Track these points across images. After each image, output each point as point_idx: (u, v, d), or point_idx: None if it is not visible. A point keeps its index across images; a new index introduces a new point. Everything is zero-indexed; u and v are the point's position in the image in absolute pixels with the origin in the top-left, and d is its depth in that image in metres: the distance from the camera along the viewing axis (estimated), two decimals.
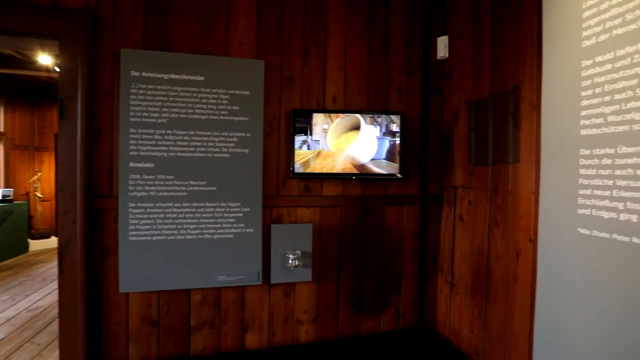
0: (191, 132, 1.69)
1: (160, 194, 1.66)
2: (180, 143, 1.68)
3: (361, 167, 1.87)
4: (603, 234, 1.13)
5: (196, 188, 1.70)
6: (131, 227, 1.62)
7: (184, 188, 1.69)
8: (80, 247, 1.56)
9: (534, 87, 1.44)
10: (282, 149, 1.86)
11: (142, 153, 1.63)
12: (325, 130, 1.83)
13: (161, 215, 1.66)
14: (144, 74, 1.63)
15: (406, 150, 2.02)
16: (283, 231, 1.84)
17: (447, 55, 2.01)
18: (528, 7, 1.48)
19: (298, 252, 1.83)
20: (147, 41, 1.67)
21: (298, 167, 1.81)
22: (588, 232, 1.18)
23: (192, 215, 1.70)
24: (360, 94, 1.97)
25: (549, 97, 1.34)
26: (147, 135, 1.63)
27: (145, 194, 1.64)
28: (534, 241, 1.43)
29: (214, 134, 1.72)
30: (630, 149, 1.05)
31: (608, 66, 1.11)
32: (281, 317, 1.88)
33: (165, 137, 1.66)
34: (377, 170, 1.88)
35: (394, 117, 1.88)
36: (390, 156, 1.89)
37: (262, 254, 1.80)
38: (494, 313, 1.66)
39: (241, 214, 1.77)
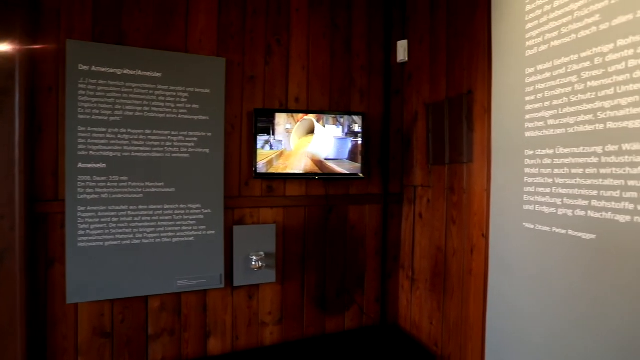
0: (147, 131, 1.61)
1: (114, 196, 1.56)
2: (135, 142, 1.59)
3: (324, 167, 1.89)
4: (545, 228, 1.23)
5: (153, 190, 1.62)
6: (80, 232, 1.51)
7: (140, 190, 1.60)
8: (19, 255, 1.43)
9: (485, 92, 1.53)
10: (244, 149, 1.83)
11: (92, 153, 1.53)
12: (288, 130, 1.82)
13: (114, 219, 1.56)
14: (94, 68, 1.52)
15: (368, 150, 2.06)
16: (246, 232, 1.81)
17: (406, 58, 2.08)
18: (479, 17, 1.57)
19: (261, 253, 1.81)
20: (98, 33, 1.56)
21: (261, 167, 1.79)
22: (532, 226, 1.27)
23: (149, 218, 1.62)
24: (323, 94, 1.98)
25: (498, 101, 1.43)
26: (98, 134, 1.53)
27: (96, 196, 1.53)
28: (486, 236, 1.52)
29: (173, 133, 1.65)
30: (566, 150, 1.15)
31: (547, 74, 1.21)
32: (245, 320, 1.84)
33: (119, 136, 1.56)
34: (339, 170, 1.91)
35: (356, 118, 1.92)
36: (352, 156, 1.92)
37: (224, 257, 1.76)
38: (451, 305, 1.75)
39: (202, 216, 1.71)
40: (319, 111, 1.88)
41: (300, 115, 1.84)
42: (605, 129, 1.04)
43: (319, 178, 1.91)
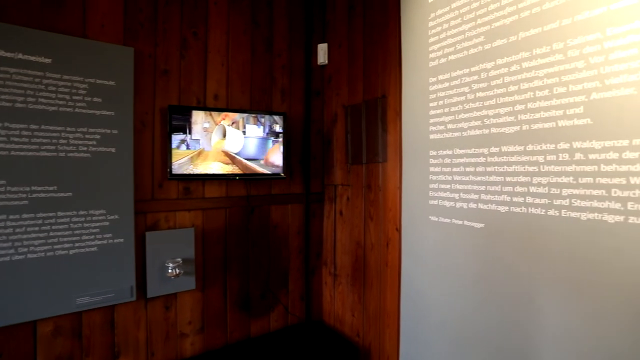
0: (34, 127, 1.38)
1: None
2: (16, 139, 1.35)
3: (245, 167, 1.85)
4: (446, 220, 1.39)
5: (42, 195, 1.39)
6: None
7: (23, 195, 1.36)
8: None
9: (397, 96, 1.67)
10: (158, 149, 1.69)
11: None
12: (206, 129, 1.73)
13: None
14: None
15: (289, 151, 2.08)
16: (161, 238, 1.67)
17: (326, 61, 2.15)
18: (391, 28, 1.71)
19: (179, 259, 1.69)
20: None
21: (176, 168, 1.67)
22: (436, 219, 1.43)
23: (37, 228, 1.39)
24: (244, 93, 1.94)
25: (408, 106, 1.57)
26: None
27: None
28: (399, 230, 1.66)
29: (68, 129, 1.45)
30: (462, 151, 1.32)
31: (446, 84, 1.38)
32: (161, 333, 1.70)
33: None
34: (261, 170, 1.89)
35: (277, 118, 1.92)
36: (273, 156, 1.91)
37: (135, 266, 1.60)
38: (371, 297, 1.86)
39: (107, 223, 1.53)
40: (240, 110, 1.83)
41: (222, 114, 1.77)
42: (490, 134, 1.22)
43: (240, 178, 1.86)
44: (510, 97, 1.15)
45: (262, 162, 1.88)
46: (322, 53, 2.15)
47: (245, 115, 1.83)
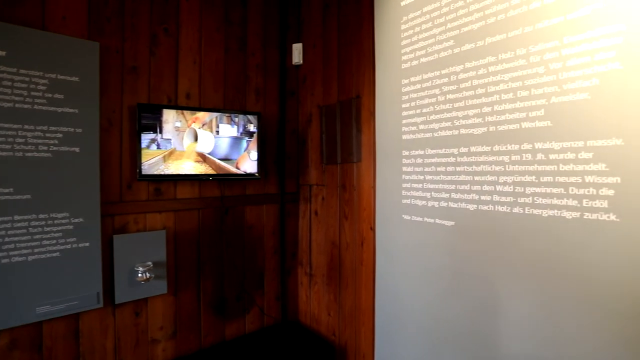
0: None
1: None
2: None
3: (219, 167, 1.81)
4: (418, 218, 1.43)
5: None
6: None
7: None
8: None
9: (371, 97, 1.69)
10: (126, 148, 1.62)
11: None
12: (178, 129, 1.69)
13: None
14: None
15: (264, 151, 2.06)
16: (130, 241, 1.60)
17: (301, 61, 2.15)
18: (365, 30, 1.73)
19: (149, 263, 1.63)
20: None
21: (147, 169, 1.61)
22: (409, 218, 1.47)
23: None
24: (217, 92, 1.90)
25: (381, 106, 1.60)
26: None
27: None
28: (374, 229, 1.69)
29: (26, 127, 1.36)
30: (433, 151, 1.36)
31: (418, 85, 1.42)
32: (131, 340, 1.64)
33: None
34: (235, 170, 1.86)
35: (251, 118, 1.90)
36: (248, 156, 1.89)
37: (102, 271, 1.52)
38: (346, 296, 1.88)
39: (71, 226, 1.45)
40: (213, 109, 1.80)
41: (193, 116, 1.72)
42: (459, 134, 1.27)
43: (214, 179, 1.83)
44: (478, 100, 1.20)
45: (236, 162, 1.86)
46: (297, 53, 2.15)
47: (218, 114, 1.80)
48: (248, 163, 1.90)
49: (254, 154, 1.91)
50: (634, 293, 0.89)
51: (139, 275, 1.59)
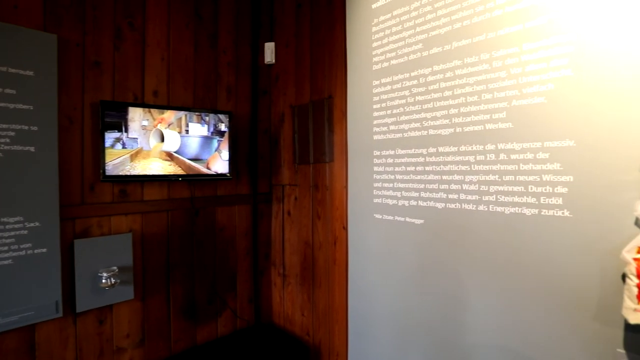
0: None
1: None
2: None
3: (189, 167, 1.76)
4: (389, 217, 1.46)
5: None
6: None
7: None
8: None
9: (343, 97, 1.71)
10: (88, 148, 1.54)
11: None
12: (145, 127, 1.62)
13: None
14: None
15: (236, 151, 2.03)
16: (92, 246, 1.52)
17: (273, 60, 2.14)
18: (337, 31, 1.75)
19: (114, 268, 1.56)
20: None
21: (111, 169, 1.54)
22: (380, 217, 1.50)
23: None
24: (186, 89, 1.85)
25: (353, 107, 1.62)
26: None
27: None
28: (346, 228, 1.71)
29: None
30: (403, 151, 1.40)
31: (389, 87, 1.45)
32: (95, 350, 1.55)
33: None
34: (205, 170, 1.81)
35: (222, 117, 1.86)
36: (219, 156, 1.85)
37: (62, 278, 1.44)
38: (320, 295, 1.89)
39: (25, 232, 1.36)
40: (182, 108, 1.75)
41: (160, 116, 1.66)
42: (428, 135, 1.31)
43: (183, 179, 1.78)
44: (446, 102, 1.25)
45: (206, 162, 1.81)
46: (269, 52, 2.13)
47: (188, 113, 1.75)
48: (219, 163, 1.86)
49: (225, 154, 1.87)
50: (582, 284, 0.96)
51: (103, 281, 1.51)
